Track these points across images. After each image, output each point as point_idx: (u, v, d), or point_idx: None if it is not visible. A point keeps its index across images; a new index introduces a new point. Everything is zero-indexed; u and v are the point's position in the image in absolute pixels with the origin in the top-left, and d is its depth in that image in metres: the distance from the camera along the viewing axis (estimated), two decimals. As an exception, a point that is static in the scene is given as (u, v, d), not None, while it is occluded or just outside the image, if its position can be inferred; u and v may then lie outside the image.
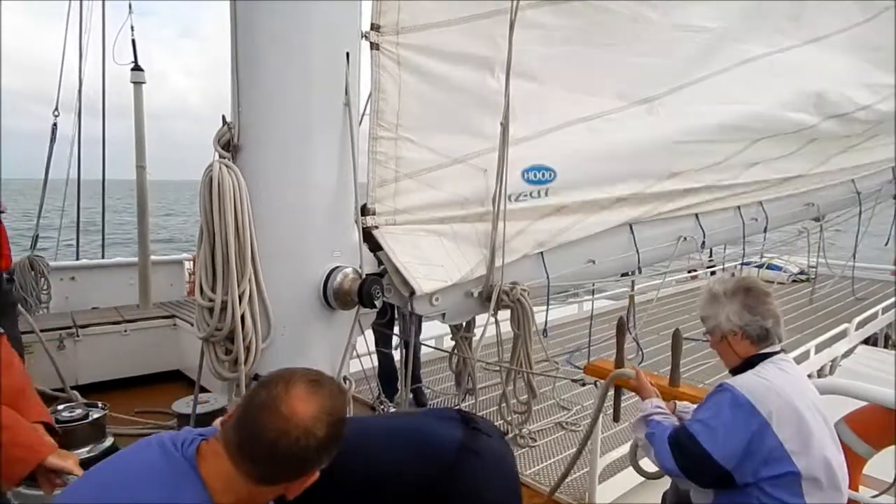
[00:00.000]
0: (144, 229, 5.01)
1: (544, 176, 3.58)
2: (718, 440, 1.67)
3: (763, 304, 1.82)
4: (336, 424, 1.18)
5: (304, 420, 1.13)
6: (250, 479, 1.14)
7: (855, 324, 6.20)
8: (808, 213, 5.80)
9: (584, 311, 6.56)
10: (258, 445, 1.13)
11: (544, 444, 3.71)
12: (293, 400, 1.14)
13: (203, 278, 2.47)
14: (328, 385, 1.23)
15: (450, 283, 3.14)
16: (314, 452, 1.15)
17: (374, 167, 2.97)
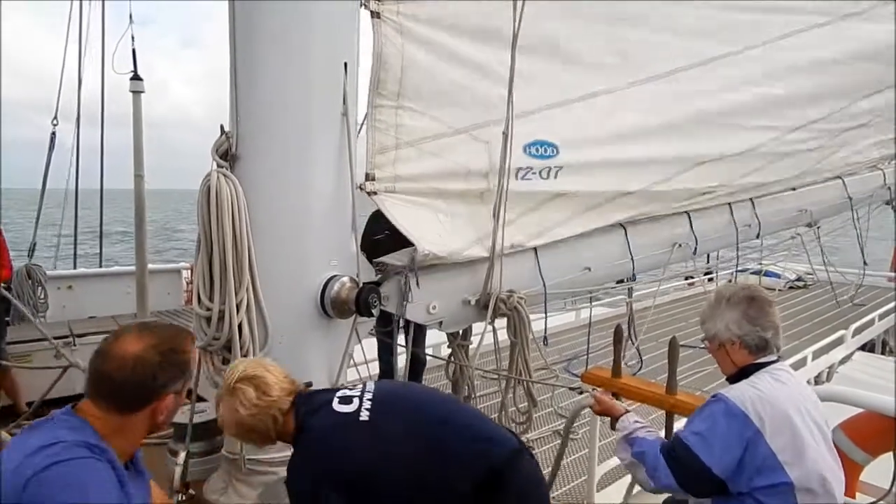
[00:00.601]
0: (142, 238, 5.02)
1: (546, 151, 3.53)
2: (715, 451, 1.66)
3: (764, 315, 1.82)
4: (168, 352, 1.45)
5: (133, 353, 1.40)
6: (113, 412, 1.40)
7: (852, 330, 6.22)
8: (800, 219, 5.82)
9: (583, 319, 6.57)
10: (101, 383, 1.41)
11: (542, 453, 3.71)
12: (120, 343, 1.43)
13: (201, 287, 2.47)
14: (159, 326, 1.51)
15: (448, 250, 3.12)
16: (151, 376, 1.41)
17: (374, 134, 2.94)
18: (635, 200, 4.15)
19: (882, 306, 7.61)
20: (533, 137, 3.47)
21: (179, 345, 1.49)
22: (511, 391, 3.73)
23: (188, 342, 1.53)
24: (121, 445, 1.41)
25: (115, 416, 1.40)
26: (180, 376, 1.48)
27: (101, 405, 1.40)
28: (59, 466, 1.24)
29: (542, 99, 3.50)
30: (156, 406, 1.44)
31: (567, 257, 3.93)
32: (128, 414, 1.41)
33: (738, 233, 5.09)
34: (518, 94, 3.26)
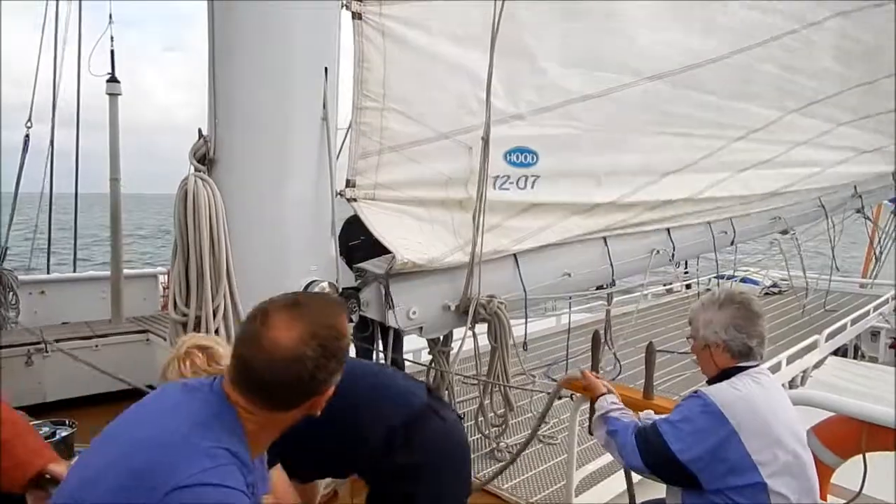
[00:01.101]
0: (118, 242, 4.94)
1: (527, 158, 3.56)
2: (685, 442, 1.69)
3: (752, 324, 1.84)
4: (327, 341, 1.17)
5: (288, 348, 1.13)
6: (263, 409, 1.17)
7: (825, 335, 6.34)
8: (775, 227, 5.94)
9: (562, 324, 6.60)
10: (251, 380, 1.15)
11: (521, 458, 3.70)
12: (272, 331, 1.14)
13: (177, 293, 2.45)
14: (311, 303, 1.22)
15: (427, 257, 3.11)
16: (309, 375, 1.15)
17: (358, 138, 2.94)
18: (616, 210, 4.21)
19: (854, 312, 7.77)
20: (514, 144, 3.49)
21: (337, 329, 1.22)
22: (489, 396, 3.74)
23: (344, 321, 1.27)
24: (263, 441, 1.24)
25: (265, 413, 1.19)
26: (341, 366, 1.23)
27: (248, 398, 1.17)
28: (206, 490, 1.05)
29: (526, 104, 3.52)
30: (313, 402, 1.22)
31: (547, 263, 3.96)
32: (280, 412, 1.20)
33: (715, 239, 5.17)
34: (504, 98, 3.27)
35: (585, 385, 2.24)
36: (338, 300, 1.36)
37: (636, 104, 4.04)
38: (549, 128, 3.63)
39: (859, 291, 9.65)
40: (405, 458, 1.72)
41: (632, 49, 3.95)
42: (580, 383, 2.34)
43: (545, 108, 3.60)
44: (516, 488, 3.34)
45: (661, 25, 4.06)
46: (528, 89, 3.53)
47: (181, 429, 1.11)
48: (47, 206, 5.86)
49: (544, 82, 3.59)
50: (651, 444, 1.76)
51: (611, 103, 3.87)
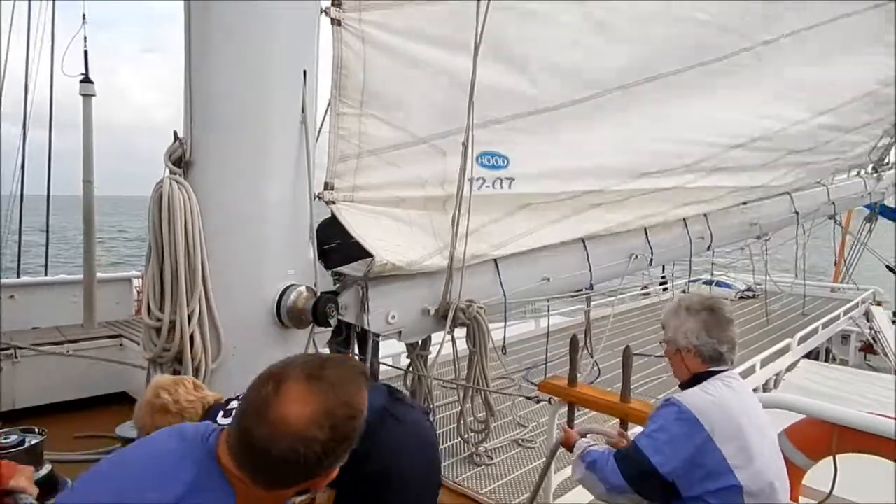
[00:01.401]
0: (91, 245, 4.84)
1: (498, 161, 3.59)
2: (664, 452, 1.71)
3: (723, 330, 1.87)
4: (341, 422, 1.05)
5: (297, 427, 1.01)
6: (260, 485, 1.06)
7: (797, 339, 6.46)
8: (751, 232, 6.05)
9: (542, 328, 6.63)
10: (252, 454, 1.04)
11: (500, 462, 3.71)
12: (283, 404, 1.02)
13: (151, 297, 2.41)
14: (332, 376, 1.08)
15: (406, 260, 3.10)
16: (316, 459, 1.02)
17: (337, 142, 2.93)
18: (599, 212, 4.24)
19: (825, 316, 7.94)
20: (486, 148, 3.51)
21: (354, 407, 1.09)
22: (469, 401, 3.74)
23: (365, 397, 1.13)
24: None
25: (262, 490, 1.07)
26: (350, 448, 1.10)
27: (245, 472, 1.06)
28: None
29: (499, 111, 3.54)
30: (314, 483, 1.10)
31: (526, 267, 3.98)
32: (276, 491, 1.09)
33: (692, 244, 5.25)
34: (477, 104, 3.29)
35: (565, 441, 2.18)
36: (361, 372, 1.18)
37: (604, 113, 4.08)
38: (518, 133, 3.66)
39: (830, 296, 9.86)
40: (368, 466, 1.68)
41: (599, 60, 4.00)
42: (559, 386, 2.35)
43: (518, 115, 3.63)
44: (495, 492, 3.34)
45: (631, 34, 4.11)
46: (498, 96, 3.54)
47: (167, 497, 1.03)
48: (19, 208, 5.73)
49: (514, 90, 3.62)
50: (630, 458, 1.77)
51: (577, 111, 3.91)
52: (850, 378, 6.55)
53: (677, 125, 4.60)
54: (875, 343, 8.91)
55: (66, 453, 3.29)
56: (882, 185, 8.38)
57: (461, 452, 3.77)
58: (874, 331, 8.96)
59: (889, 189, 8.60)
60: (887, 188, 8.56)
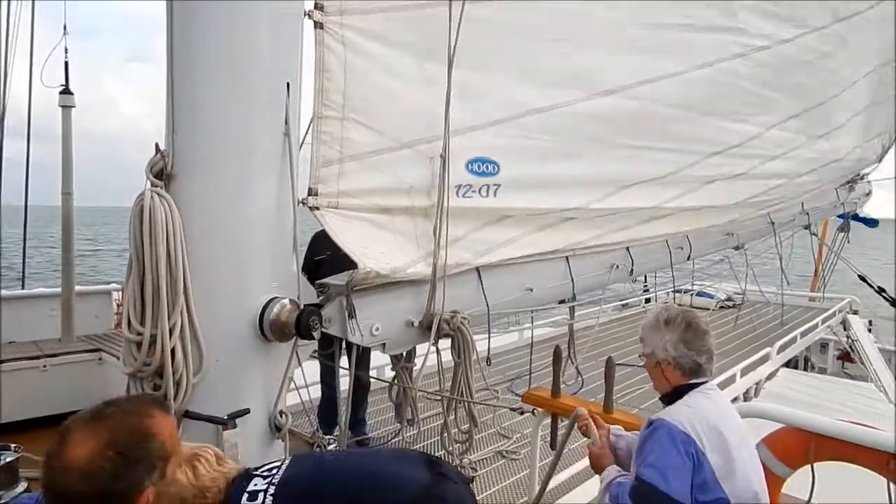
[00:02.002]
0: (69, 257, 4.77)
1: (488, 168, 3.56)
2: (672, 479, 1.68)
3: (700, 341, 1.90)
4: (128, 448, 1.15)
5: (80, 464, 1.11)
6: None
7: (777, 348, 6.56)
8: (728, 243, 6.15)
9: (525, 339, 6.66)
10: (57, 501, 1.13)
11: (485, 474, 3.71)
12: (66, 451, 1.13)
13: (131, 310, 2.38)
14: (115, 410, 1.21)
15: (390, 267, 3.08)
16: (109, 485, 1.12)
17: (319, 147, 2.89)
18: (579, 225, 4.29)
19: (804, 325, 8.07)
20: (475, 154, 3.51)
21: (143, 430, 1.20)
22: (453, 412, 3.73)
23: (156, 420, 1.23)
24: None
25: None
26: (154, 466, 1.20)
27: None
28: None
29: (486, 115, 3.53)
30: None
31: (510, 278, 4.00)
32: None
33: (672, 255, 5.32)
34: (462, 110, 3.28)
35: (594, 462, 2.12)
36: (150, 399, 1.35)
37: (595, 118, 4.10)
38: (508, 139, 3.66)
39: (809, 305, 10.02)
40: None
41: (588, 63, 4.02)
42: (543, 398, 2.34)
43: (502, 120, 3.62)
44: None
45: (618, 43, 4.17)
46: (486, 101, 3.54)
47: None
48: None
49: (502, 94, 3.62)
50: (644, 497, 1.70)
51: (567, 116, 3.91)
52: (829, 386, 6.66)
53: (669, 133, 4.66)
54: (852, 351, 9.07)
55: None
56: (854, 196, 8.56)
57: (445, 465, 3.76)
58: (851, 339, 9.12)
59: (861, 199, 8.80)
60: (860, 198, 8.75)
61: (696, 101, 4.81)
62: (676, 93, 4.60)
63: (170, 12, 2.48)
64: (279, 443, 2.68)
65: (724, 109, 5.15)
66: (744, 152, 5.51)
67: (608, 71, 4.14)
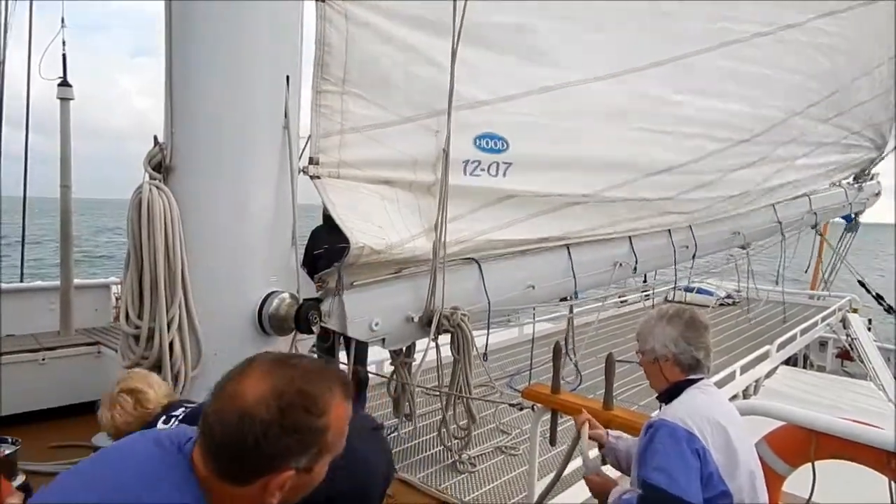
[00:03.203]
0: (68, 250, 4.75)
1: (496, 145, 3.50)
2: (680, 480, 1.63)
3: (699, 337, 1.88)
4: (291, 409, 0.98)
5: (244, 402, 0.97)
6: (215, 476, 1.00)
7: (776, 345, 6.55)
8: (734, 241, 6.12)
9: (525, 335, 6.65)
10: (205, 435, 1.00)
11: (484, 469, 3.70)
12: (241, 380, 1.00)
13: (129, 304, 2.37)
14: (301, 364, 1.04)
15: (385, 243, 3.04)
16: (253, 441, 0.96)
17: (318, 119, 2.87)
18: (584, 210, 4.23)
19: (803, 323, 8.06)
20: (483, 130, 3.45)
21: (316, 401, 1.01)
22: (452, 408, 3.73)
23: (334, 399, 1.04)
24: None
25: (220, 483, 1.01)
26: (307, 447, 1.01)
27: (204, 458, 1.02)
28: None
29: (496, 90, 3.47)
30: (264, 483, 1.00)
31: (511, 274, 3.98)
32: (230, 484, 1.01)
33: (676, 253, 5.30)
34: (470, 85, 3.23)
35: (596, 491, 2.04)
36: (343, 380, 1.07)
37: (608, 99, 4.05)
38: (518, 115, 3.59)
39: (808, 303, 10.02)
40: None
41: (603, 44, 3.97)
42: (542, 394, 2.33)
43: (511, 97, 3.55)
44: (478, 500, 3.33)
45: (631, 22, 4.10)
46: (495, 76, 3.48)
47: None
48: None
49: (512, 70, 3.56)
50: (651, 500, 1.66)
51: (579, 96, 3.86)
52: (828, 384, 6.65)
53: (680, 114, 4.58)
54: (852, 350, 9.06)
55: (42, 463, 3.21)
56: (863, 196, 8.54)
57: (444, 460, 3.75)
58: (851, 338, 9.12)
59: (870, 199, 8.77)
60: (868, 198, 8.72)
61: (710, 86, 4.73)
62: (694, 76, 4.53)
63: (168, 6, 2.47)
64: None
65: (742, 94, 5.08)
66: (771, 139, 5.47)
67: (621, 53, 4.06)
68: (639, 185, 4.44)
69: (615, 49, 4.05)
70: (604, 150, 4.17)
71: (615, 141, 4.21)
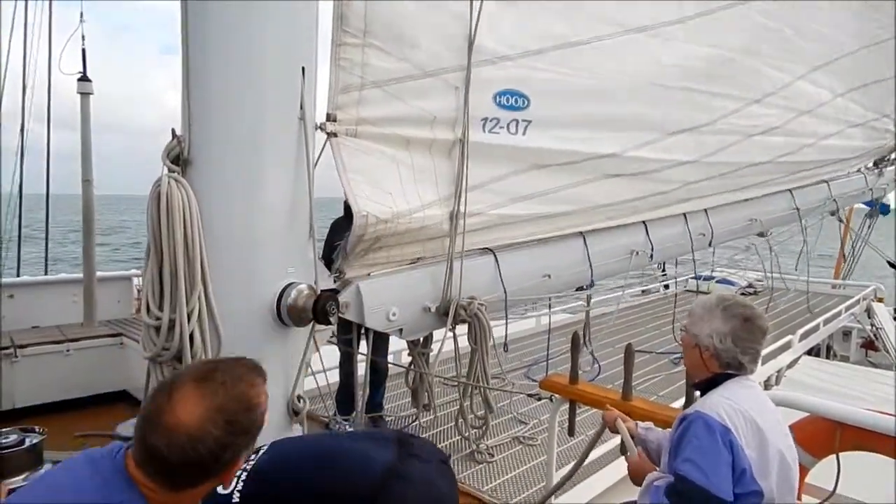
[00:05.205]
0: (90, 244, 4.84)
1: (517, 102, 3.41)
2: (710, 473, 1.60)
3: (752, 341, 1.79)
4: (236, 416, 1.15)
5: (189, 428, 1.09)
6: (166, 489, 1.14)
7: (798, 335, 6.45)
8: (751, 229, 6.02)
9: (542, 325, 6.62)
10: (153, 462, 1.12)
11: (502, 459, 3.71)
12: (175, 409, 1.11)
13: (150, 296, 2.39)
14: (221, 376, 1.18)
15: (392, 211, 3.00)
16: (212, 455, 1.11)
17: (338, 73, 2.82)
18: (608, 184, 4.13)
19: (826, 312, 7.92)
20: (504, 86, 3.36)
21: (250, 400, 1.19)
22: (469, 398, 3.73)
23: (259, 390, 1.23)
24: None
25: (169, 493, 1.14)
26: (253, 439, 1.19)
27: (152, 480, 1.14)
28: None
29: (518, 45, 3.38)
30: (221, 477, 1.19)
31: (527, 264, 3.97)
32: (185, 491, 1.16)
33: (693, 241, 5.22)
34: (493, 38, 3.15)
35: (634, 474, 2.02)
36: (255, 367, 1.29)
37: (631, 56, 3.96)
38: (540, 72, 3.50)
39: (832, 292, 9.84)
40: None
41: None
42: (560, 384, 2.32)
43: (536, 52, 3.46)
44: (496, 490, 3.34)
45: None
46: (519, 30, 3.39)
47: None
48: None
49: (536, 24, 3.47)
50: (682, 493, 1.62)
51: (603, 53, 3.77)
52: (852, 374, 6.53)
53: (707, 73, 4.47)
54: (876, 339, 8.89)
55: (67, 453, 3.28)
56: (883, 181, 8.34)
57: (462, 450, 3.77)
58: (875, 327, 8.95)
59: (890, 185, 8.57)
60: (888, 184, 8.52)
61: (735, 43, 4.61)
62: (716, 34, 4.40)
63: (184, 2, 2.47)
64: (297, 427, 2.69)
65: (764, 53, 4.94)
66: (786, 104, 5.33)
67: (647, 9, 3.95)
68: (662, 146, 4.32)
69: (643, 4, 3.94)
70: (628, 108, 4.06)
71: (642, 100, 4.10)
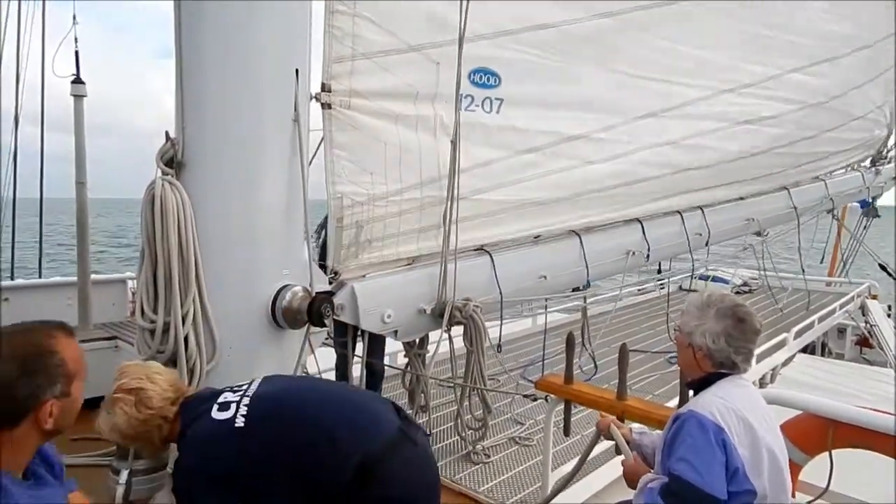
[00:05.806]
0: (84, 247, 4.81)
1: (489, 80, 3.52)
2: (704, 472, 1.60)
3: (745, 341, 1.80)
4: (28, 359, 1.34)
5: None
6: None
7: (793, 333, 6.47)
8: (748, 228, 6.04)
9: (539, 325, 6.63)
10: None
11: (498, 460, 3.71)
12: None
13: (144, 299, 2.39)
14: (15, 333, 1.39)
15: (368, 194, 3.06)
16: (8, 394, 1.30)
17: (331, 42, 2.87)
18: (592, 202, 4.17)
19: (821, 309, 7.95)
20: (478, 64, 3.45)
21: (42, 347, 1.38)
22: (467, 399, 3.73)
23: (58, 340, 1.42)
24: (9, 460, 1.35)
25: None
26: (54, 380, 1.38)
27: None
28: None
29: (494, 24, 3.47)
30: (34, 417, 1.36)
31: (523, 264, 3.97)
32: (7, 430, 1.34)
33: (690, 241, 5.24)
34: (470, 17, 3.15)
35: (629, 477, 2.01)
36: (57, 324, 1.48)
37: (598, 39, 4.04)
38: (511, 51, 3.60)
39: (826, 290, 9.87)
40: (381, 490, 1.70)
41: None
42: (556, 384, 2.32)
43: (509, 31, 3.55)
44: (493, 490, 3.34)
45: None
46: (495, 10, 3.47)
47: None
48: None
49: (513, 5, 3.56)
50: (675, 492, 1.63)
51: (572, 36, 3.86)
52: (847, 372, 6.56)
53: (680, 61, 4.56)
54: (871, 337, 8.93)
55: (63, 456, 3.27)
56: (880, 180, 8.38)
57: (458, 451, 3.77)
58: (870, 324, 8.98)
59: (888, 183, 8.61)
60: (885, 182, 8.56)
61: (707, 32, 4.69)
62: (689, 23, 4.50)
63: (177, 4, 2.47)
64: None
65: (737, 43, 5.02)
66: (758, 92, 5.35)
67: None
68: (632, 128, 4.41)
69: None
70: (599, 91, 4.14)
71: (612, 83, 4.18)
